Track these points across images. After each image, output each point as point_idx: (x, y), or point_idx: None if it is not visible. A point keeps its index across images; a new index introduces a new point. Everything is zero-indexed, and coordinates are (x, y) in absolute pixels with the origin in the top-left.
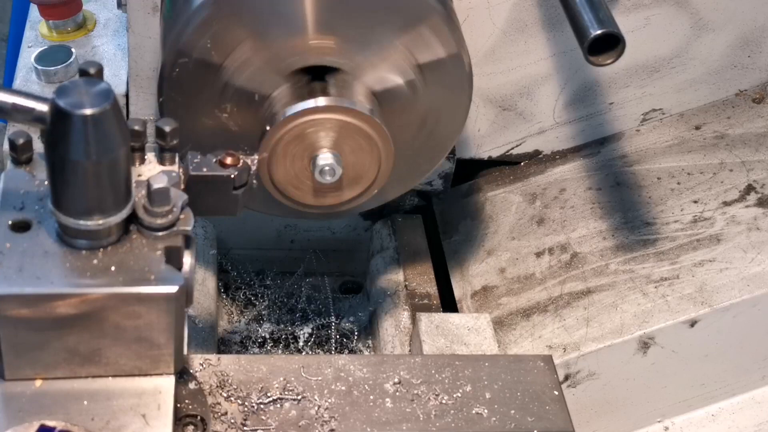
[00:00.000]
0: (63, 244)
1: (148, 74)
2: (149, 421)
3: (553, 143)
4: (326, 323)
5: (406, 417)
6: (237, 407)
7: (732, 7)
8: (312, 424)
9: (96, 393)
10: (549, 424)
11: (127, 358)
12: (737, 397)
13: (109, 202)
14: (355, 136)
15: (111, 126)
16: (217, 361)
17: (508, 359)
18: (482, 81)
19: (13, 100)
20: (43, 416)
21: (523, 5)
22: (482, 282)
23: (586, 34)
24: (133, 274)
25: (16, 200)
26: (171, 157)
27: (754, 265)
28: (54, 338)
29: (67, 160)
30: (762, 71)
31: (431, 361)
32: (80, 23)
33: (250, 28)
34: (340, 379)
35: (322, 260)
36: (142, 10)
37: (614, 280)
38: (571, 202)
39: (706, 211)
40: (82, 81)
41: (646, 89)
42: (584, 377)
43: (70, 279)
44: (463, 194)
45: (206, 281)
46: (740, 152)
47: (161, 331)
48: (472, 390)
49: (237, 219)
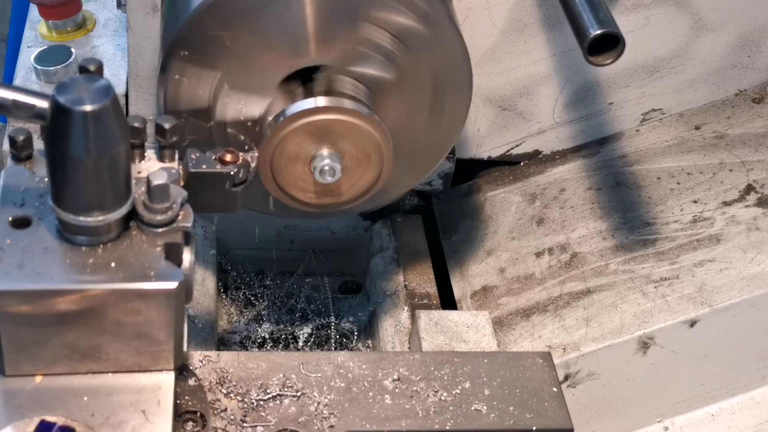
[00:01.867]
0: (63, 240)
1: (148, 74)
2: (149, 417)
3: (552, 143)
4: (326, 323)
5: (405, 413)
6: (236, 404)
7: (732, 7)
8: (311, 420)
9: (96, 389)
10: (548, 420)
11: (127, 354)
12: (737, 397)
13: (109, 199)
14: (355, 136)
15: (111, 122)
16: (217, 357)
17: (507, 356)
18: (482, 81)
19: (14, 96)
20: (44, 412)
21: (523, 5)
22: (482, 282)
23: (585, 34)
24: (133, 270)
25: (17, 197)
26: (170, 154)
27: (754, 265)
28: (54, 334)
29: (67, 157)
30: (762, 71)
31: (430, 358)
32: (80, 23)
33: (225, 61)
34: (340, 375)
35: (321, 260)
36: (142, 10)
37: (614, 280)
38: (570, 202)
39: (706, 211)
40: (82, 78)
41: (646, 89)
42: (584, 377)
43: (71, 275)
44: (463, 194)
45: (206, 281)
46: (740, 152)
47: (161, 327)
48: (471, 387)
49: (237, 219)
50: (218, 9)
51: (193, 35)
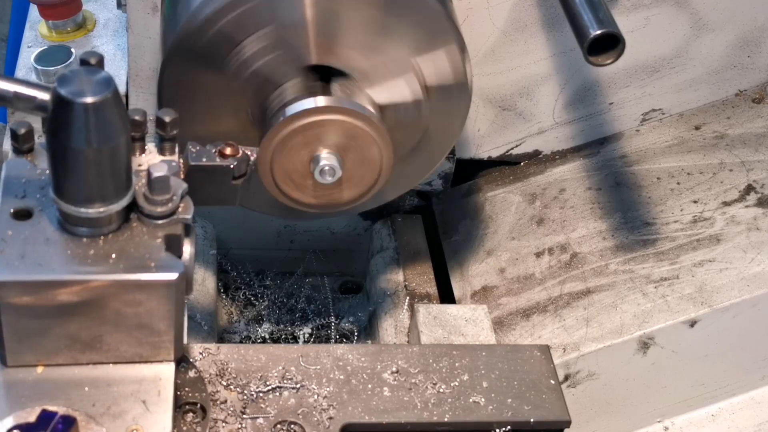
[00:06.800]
0: (64, 231)
1: (148, 74)
2: (150, 407)
3: (552, 143)
4: (326, 323)
5: (403, 405)
6: (236, 395)
7: (732, 7)
8: (311, 412)
9: (97, 379)
10: (545, 412)
11: (128, 344)
12: (737, 397)
13: (110, 190)
14: (354, 137)
15: (112, 114)
16: (217, 350)
17: (505, 349)
18: (482, 81)
19: (15, 88)
20: (45, 402)
21: (523, 5)
22: (482, 282)
23: (585, 34)
24: (133, 261)
25: (18, 189)
26: (171, 147)
27: (754, 265)
28: (55, 325)
29: (69, 148)
30: (762, 71)
31: (429, 351)
32: (80, 23)
33: (276, 15)
34: (339, 368)
35: (321, 260)
36: (142, 10)
37: (614, 280)
38: (570, 202)
39: (706, 211)
40: (83, 70)
41: (646, 89)
42: (584, 377)
43: (72, 266)
44: (463, 194)
45: (206, 281)
46: (740, 152)
47: (161, 318)
48: (469, 379)
49: (237, 219)
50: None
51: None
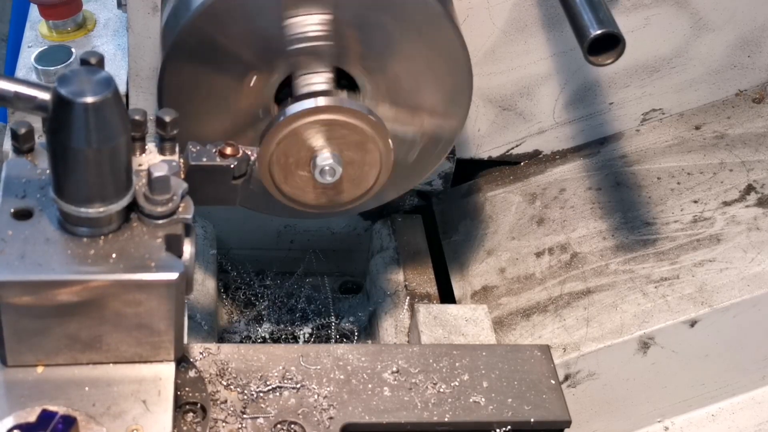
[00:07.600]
0: (64, 231)
1: (148, 74)
2: (150, 407)
3: (553, 143)
4: (326, 323)
5: (404, 405)
6: (237, 395)
7: (732, 7)
8: (311, 412)
9: (97, 379)
10: (546, 412)
11: (128, 344)
12: (737, 397)
13: (110, 190)
14: (355, 136)
15: (112, 114)
16: (217, 350)
17: (506, 349)
18: (482, 81)
19: (16, 88)
20: (45, 402)
21: (523, 5)
22: (482, 282)
23: (586, 34)
24: (133, 261)
25: (18, 189)
26: (171, 147)
27: (754, 265)
28: (55, 325)
29: (69, 148)
30: (762, 71)
31: (429, 351)
32: (80, 23)
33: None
34: (339, 367)
35: (321, 260)
36: (142, 10)
37: (614, 280)
38: (571, 202)
39: (706, 211)
40: (84, 69)
41: (646, 89)
42: (584, 377)
43: (72, 266)
44: (463, 194)
45: (206, 281)
46: (740, 152)
47: (161, 317)
48: (469, 379)
49: (237, 219)
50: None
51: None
